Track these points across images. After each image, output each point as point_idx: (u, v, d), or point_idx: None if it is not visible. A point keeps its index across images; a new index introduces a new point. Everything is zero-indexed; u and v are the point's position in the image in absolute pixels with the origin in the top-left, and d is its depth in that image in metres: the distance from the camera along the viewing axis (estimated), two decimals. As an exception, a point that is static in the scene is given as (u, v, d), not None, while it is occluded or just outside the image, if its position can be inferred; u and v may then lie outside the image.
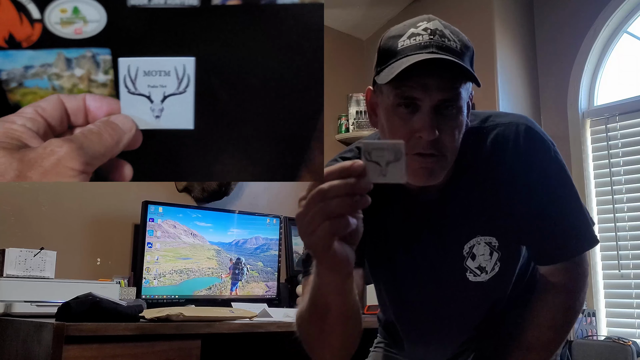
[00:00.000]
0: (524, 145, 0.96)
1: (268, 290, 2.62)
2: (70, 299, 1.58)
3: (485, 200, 0.98)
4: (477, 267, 1.01)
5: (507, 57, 3.00)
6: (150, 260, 2.25)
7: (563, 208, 0.99)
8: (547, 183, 0.97)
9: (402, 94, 0.86)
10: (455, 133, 0.90)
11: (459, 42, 0.92)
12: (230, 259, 2.51)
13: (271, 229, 2.67)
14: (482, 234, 0.99)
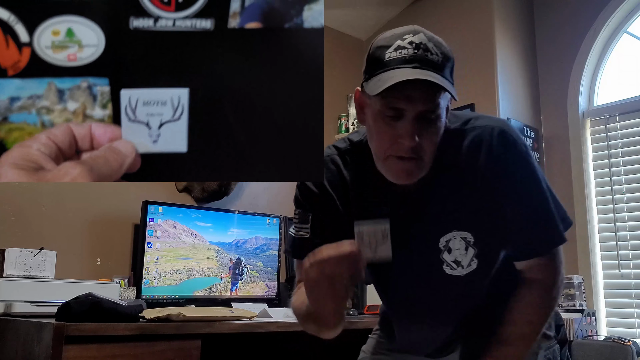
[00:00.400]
0: (497, 148, 1.03)
1: (268, 290, 2.62)
2: (70, 299, 1.58)
3: (461, 198, 1.05)
4: (453, 261, 1.08)
5: (507, 57, 3.00)
6: (150, 260, 2.25)
7: (532, 207, 1.05)
8: (518, 184, 1.04)
9: (388, 104, 0.95)
10: (433, 138, 0.99)
11: (441, 55, 0.98)
12: (230, 259, 2.51)
13: (271, 229, 2.67)
14: (457, 229, 1.06)
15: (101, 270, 2.37)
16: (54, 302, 1.70)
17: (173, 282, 2.31)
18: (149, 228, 2.26)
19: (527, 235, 1.07)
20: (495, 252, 1.10)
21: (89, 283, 1.97)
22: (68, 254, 2.25)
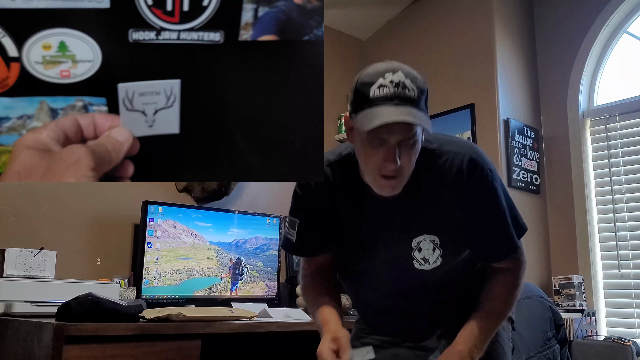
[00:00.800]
0: (465, 171, 1.25)
1: (268, 290, 2.62)
2: (70, 299, 1.58)
3: (432, 208, 1.28)
4: (422, 259, 1.30)
5: (507, 57, 3.00)
6: (150, 260, 2.25)
7: (490, 224, 1.29)
8: (479, 203, 1.27)
9: (374, 135, 1.15)
10: (411, 159, 1.19)
11: (417, 89, 1.17)
12: (230, 259, 2.51)
13: (271, 229, 2.67)
14: (427, 233, 1.29)
15: (101, 270, 2.37)
16: (54, 302, 1.70)
17: (173, 282, 2.31)
18: (149, 228, 2.26)
19: (486, 246, 1.31)
20: (457, 252, 1.31)
21: (89, 283, 1.97)
22: (68, 254, 2.25)
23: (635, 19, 2.94)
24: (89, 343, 1.45)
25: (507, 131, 2.88)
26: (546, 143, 3.12)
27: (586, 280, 2.85)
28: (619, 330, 2.76)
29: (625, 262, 2.80)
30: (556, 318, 1.72)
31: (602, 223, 2.92)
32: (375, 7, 3.41)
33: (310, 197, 1.41)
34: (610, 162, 2.91)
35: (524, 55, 3.13)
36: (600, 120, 2.98)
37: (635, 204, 2.81)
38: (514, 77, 3.03)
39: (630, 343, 2.40)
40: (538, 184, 3.02)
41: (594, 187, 2.96)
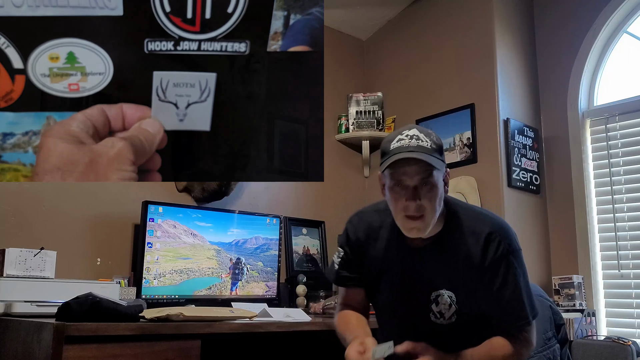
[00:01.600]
0: (483, 243, 1.38)
1: (268, 290, 2.62)
2: (70, 299, 1.58)
3: (454, 266, 1.40)
4: (438, 312, 1.42)
5: (507, 57, 3.00)
6: (150, 260, 2.25)
7: (506, 292, 1.39)
8: (500, 278, 1.38)
9: (394, 177, 1.35)
10: (432, 200, 1.34)
11: (430, 141, 1.35)
12: (230, 258, 2.51)
13: (271, 229, 2.67)
14: (446, 288, 1.41)
15: (101, 270, 2.37)
16: (54, 302, 1.70)
17: (173, 282, 2.31)
18: (149, 228, 2.26)
19: (499, 311, 1.40)
20: (472, 314, 1.42)
21: (89, 283, 1.97)
22: (68, 254, 2.25)
23: (635, 19, 2.94)
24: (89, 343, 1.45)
25: (507, 131, 2.88)
26: (546, 143, 3.12)
27: (586, 280, 2.85)
28: (619, 330, 2.76)
29: (625, 262, 2.80)
30: (556, 318, 1.72)
31: (602, 223, 2.92)
32: (375, 7, 3.41)
33: (356, 236, 1.54)
34: (610, 162, 2.91)
35: (524, 55, 3.13)
36: (600, 120, 2.98)
37: (635, 204, 2.81)
38: (514, 77, 3.03)
39: (630, 343, 2.40)
40: (538, 184, 3.02)
41: (594, 187, 2.96)
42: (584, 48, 3.00)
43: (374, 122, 3.35)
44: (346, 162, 3.42)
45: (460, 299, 1.41)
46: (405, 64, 3.39)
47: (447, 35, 3.17)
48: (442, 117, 3.10)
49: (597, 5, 2.97)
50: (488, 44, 2.96)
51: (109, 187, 2.46)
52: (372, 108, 3.37)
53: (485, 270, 1.38)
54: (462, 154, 2.97)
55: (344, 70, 3.54)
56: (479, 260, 1.38)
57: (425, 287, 1.42)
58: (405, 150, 1.33)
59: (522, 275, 1.41)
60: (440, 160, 1.36)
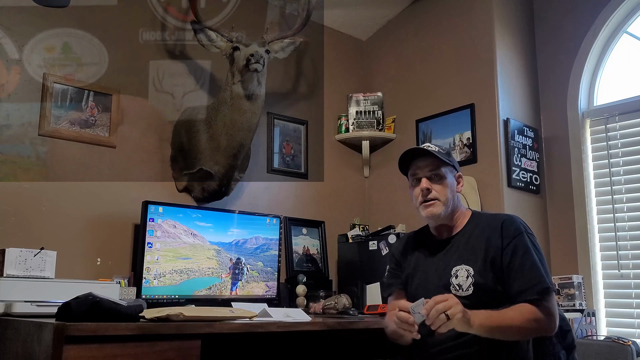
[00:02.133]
0: (502, 227, 1.63)
1: (268, 290, 2.62)
2: (70, 299, 1.58)
3: (473, 248, 1.65)
4: (457, 284, 1.62)
5: (507, 57, 3.00)
6: (150, 260, 2.25)
7: (524, 262, 1.57)
8: (514, 249, 1.59)
9: (411, 174, 1.76)
10: (443, 189, 1.69)
11: (438, 148, 1.72)
12: (230, 258, 2.51)
13: (271, 229, 2.67)
14: (464, 264, 1.64)
15: (101, 270, 2.37)
16: (54, 302, 1.70)
17: (173, 282, 2.31)
18: (149, 228, 2.26)
19: (518, 280, 1.56)
20: (488, 286, 1.58)
21: (89, 283, 1.97)
22: (68, 254, 2.25)
23: (635, 19, 2.94)
24: (89, 343, 1.45)
25: (507, 131, 2.88)
26: (546, 143, 3.12)
27: (586, 280, 2.85)
28: (618, 330, 2.76)
29: (625, 262, 2.80)
30: (562, 323, 1.70)
31: (601, 223, 2.92)
32: (375, 7, 3.41)
33: (394, 256, 1.89)
34: (610, 162, 2.91)
35: (524, 55, 3.13)
36: (600, 120, 2.98)
37: (635, 204, 2.81)
38: (514, 77, 3.03)
39: (630, 343, 2.40)
40: (538, 184, 3.02)
41: (593, 187, 2.97)
42: (584, 48, 3.00)
43: (374, 122, 3.35)
44: (346, 162, 3.42)
45: (477, 270, 1.60)
46: (405, 64, 3.39)
47: (447, 35, 3.17)
48: (442, 117, 3.10)
49: (597, 5, 2.97)
50: (488, 44, 2.96)
51: (109, 187, 2.46)
52: (372, 108, 3.37)
53: (505, 248, 1.59)
54: (462, 154, 2.97)
55: (344, 70, 3.54)
56: (498, 242, 1.60)
57: (448, 267, 1.66)
58: (415, 149, 1.72)
59: (539, 253, 1.59)
60: (448, 160, 1.70)
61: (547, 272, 1.59)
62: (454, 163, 1.75)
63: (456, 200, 1.74)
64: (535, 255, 1.58)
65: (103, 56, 2.52)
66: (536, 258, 1.58)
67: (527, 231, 1.64)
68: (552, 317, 1.53)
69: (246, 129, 2.51)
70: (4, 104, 2.24)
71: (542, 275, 1.55)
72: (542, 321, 1.51)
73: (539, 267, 1.57)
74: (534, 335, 1.55)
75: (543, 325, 1.51)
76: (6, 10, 2.28)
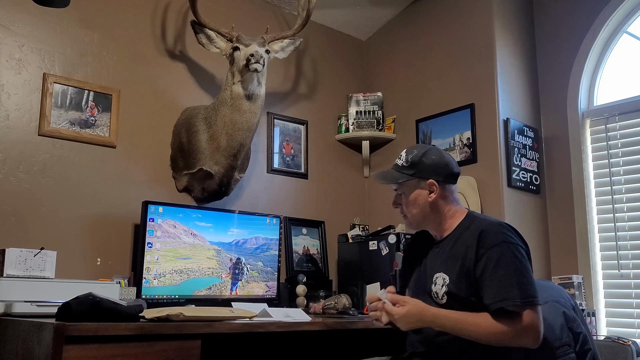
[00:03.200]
0: (484, 235, 1.58)
1: (268, 290, 2.62)
2: (70, 299, 1.58)
3: (454, 255, 1.62)
4: (435, 292, 1.62)
5: (507, 57, 3.00)
6: (150, 260, 2.25)
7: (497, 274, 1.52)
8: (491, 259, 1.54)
9: None
10: (409, 205, 1.73)
11: (405, 159, 1.73)
12: (230, 258, 2.51)
13: (271, 229, 2.67)
14: (443, 271, 1.62)
15: (101, 270, 2.37)
16: (54, 302, 1.70)
17: (173, 282, 2.31)
18: (149, 228, 2.26)
19: (491, 298, 1.51)
20: (460, 296, 1.56)
21: (89, 283, 1.97)
22: (68, 254, 2.25)
23: (635, 19, 2.94)
24: (89, 343, 1.45)
25: (507, 131, 2.88)
26: (546, 143, 3.12)
27: (586, 280, 2.85)
28: (618, 330, 2.76)
29: (625, 262, 2.80)
30: (573, 325, 1.64)
31: (602, 223, 2.92)
32: (375, 7, 3.41)
33: (406, 252, 2.00)
34: (610, 162, 2.91)
35: (524, 55, 3.13)
36: (600, 120, 2.98)
37: (635, 204, 2.81)
38: (514, 77, 3.03)
39: (630, 343, 2.40)
40: (538, 184, 3.02)
41: (593, 187, 2.96)
42: (584, 48, 3.00)
43: (374, 122, 3.35)
44: (346, 162, 3.42)
45: (452, 280, 1.58)
46: (405, 64, 3.39)
47: (447, 35, 3.17)
48: (442, 117, 3.10)
49: (597, 5, 2.97)
50: (488, 44, 2.96)
51: (109, 187, 2.46)
52: (372, 108, 3.37)
53: (479, 259, 1.55)
54: (462, 154, 2.97)
55: (344, 70, 3.54)
56: (473, 253, 1.57)
57: (431, 271, 1.66)
58: (382, 171, 1.84)
59: (517, 263, 1.53)
60: (406, 174, 1.71)
61: (525, 283, 1.51)
62: (420, 174, 1.69)
63: (430, 210, 1.70)
64: (512, 267, 1.52)
65: (103, 56, 2.53)
66: (509, 270, 1.51)
67: (507, 241, 1.56)
68: (531, 331, 1.47)
69: (246, 129, 2.51)
70: (4, 104, 2.24)
71: (512, 290, 1.48)
72: (508, 334, 1.47)
73: (512, 280, 1.50)
74: (503, 345, 1.49)
75: (510, 338, 1.47)
76: (6, 10, 2.29)
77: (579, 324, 1.68)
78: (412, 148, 1.75)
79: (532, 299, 1.49)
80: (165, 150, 2.67)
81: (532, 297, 1.49)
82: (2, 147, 2.21)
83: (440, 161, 1.71)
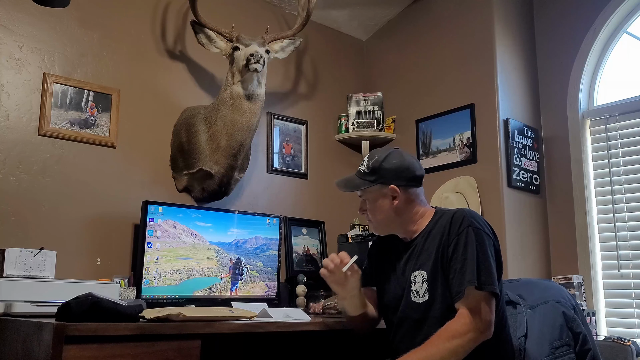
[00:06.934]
0: (451, 222, 1.58)
1: (268, 290, 2.62)
2: (70, 299, 1.58)
3: (429, 250, 1.61)
4: (416, 291, 1.59)
5: (507, 57, 3.00)
6: (150, 260, 2.25)
7: (456, 263, 1.51)
8: (454, 247, 1.53)
9: None
10: (374, 211, 1.71)
11: (367, 167, 1.70)
12: (230, 259, 2.51)
13: (271, 229, 2.67)
14: (420, 268, 1.60)
15: (101, 270, 2.37)
16: (54, 302, 1.70)
17: (173, 282, 2.31)
18: (149, 228, 2.26)
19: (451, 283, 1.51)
20: (440, 292, 1.54)
21: (89, 283, 1.97)
22: (68, 254, 2.25)
23: (635, 19, 2.94)
24: (89, 343, 1.45)
25: (507, 131, 2.88)
26: (546, 143, 3.12)
27: (586, 280, 2.85)
28: (618, 330, 2.76)
29: (625, 262, 2.80)
30: (572, 325, 1.62)
31: (601, 223, 2.92)
32: (375, 7, 3.41)
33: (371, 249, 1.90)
34: (610, 162, 2.92)
35: (524, 55, 3.13)
36: (600, 120, 2.98)
37: (635, 204, 2.82)
38: (514, 77, 3.03)
39: (630, 343, 2.40)
40: (538, 184, 3.02)
41: (593, 187, 2.97)
42: (584, 48, 3.00)
43: (374, 122, 3.35)
44: (346, 162, 3.42)
45: (431, 276, 1.56)
46: (405, 64, 3.39)
47: (447, 35, 3.17)
48: (442, 117, 3.10)
49: (597, 5, 2.97)
50: (488, 44, 2.96)
51: (109, 187, 2.46)
52: (372, 108, 3.37)
53: (449, 244, 1.54)
54: (462, 154, 2.97)
55: (344, 70, 3.54)
56: (446, 238, 1.56)
57: (408, 273, 1.64)
58: (344, 178, 1.77)
59: (478, 249, 1.50)
60: (368, 181, 1.68)
61: (486, 270, 1.48)
62: (381, 180, 1.66)
63: (395, 215, 1.67)
64: (472, 253, 1.50)
65: (103, 56, 2.53)
66: (472, 255, 1.49)
67: (474, 227, 1.54)
68: (480, 320, 1.44)
69: (246, 129, 2.51)
70: (4, 104, 2.24)
71: (467, 273, 1.47)
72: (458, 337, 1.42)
73: (469, 265, 1.48)
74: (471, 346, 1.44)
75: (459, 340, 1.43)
76: (6, 10, 2.29)
77: (579, 324, 1.67)
78: (374, 153, 1.72)
79: (492, 286, 1.47)
80: (165, 150, 2.67)
81: (493, 286, 1.47)
82: (2, 147, 2.21)
83: (402, 165, 1.67)
